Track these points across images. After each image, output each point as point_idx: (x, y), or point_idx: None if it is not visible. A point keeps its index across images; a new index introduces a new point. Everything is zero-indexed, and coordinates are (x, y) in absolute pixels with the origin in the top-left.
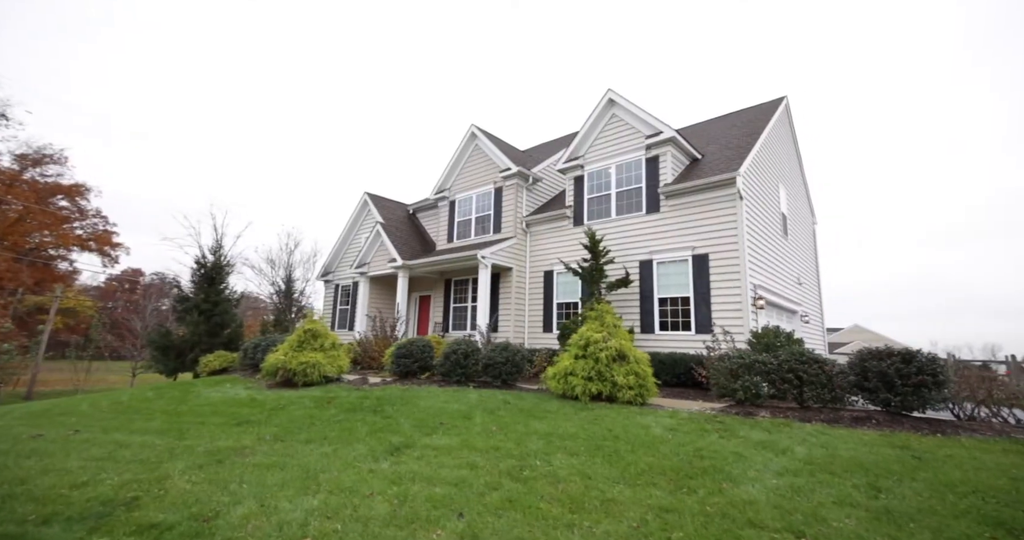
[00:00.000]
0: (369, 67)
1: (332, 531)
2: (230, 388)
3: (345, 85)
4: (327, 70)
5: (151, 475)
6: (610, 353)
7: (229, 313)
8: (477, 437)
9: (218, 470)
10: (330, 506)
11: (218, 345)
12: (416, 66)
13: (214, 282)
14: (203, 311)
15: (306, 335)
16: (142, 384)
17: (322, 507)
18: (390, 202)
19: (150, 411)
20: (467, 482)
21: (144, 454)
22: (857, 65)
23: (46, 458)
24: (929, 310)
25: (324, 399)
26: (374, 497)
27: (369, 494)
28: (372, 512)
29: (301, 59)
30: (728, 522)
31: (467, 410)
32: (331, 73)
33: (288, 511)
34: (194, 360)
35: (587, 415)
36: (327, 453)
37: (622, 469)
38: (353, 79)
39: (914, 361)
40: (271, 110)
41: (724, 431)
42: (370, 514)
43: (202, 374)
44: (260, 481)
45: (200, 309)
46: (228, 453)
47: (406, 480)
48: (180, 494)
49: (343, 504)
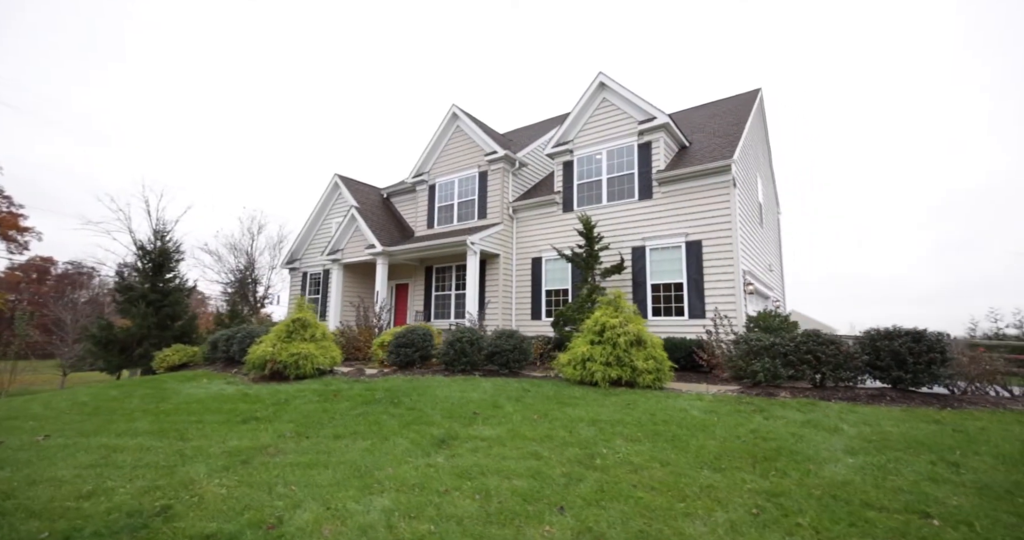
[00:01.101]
0: (335, 46)
1: (427, 533)
2: (209, 383)
3: (310, 63)
4: (289, 47)
5: (170, 480)
6: (629, 338)
7: (181, 304)
8: (522, 426)
9: (250, 471)
10: (407, 505)
11: (169, 338)
12: (386, 45)
13: (162, 269)
14: (151, 302)
15: (295, 325)
16: (78, 384)
17: (398, 506)
18: (363, 185)
19: (127, 411)
20: (543, 473)
21: (149, 458)
22: (830, 60)
23: (24, 467)
24: (847, 297)
25: (326, 392)
26: (450, 493)
27: (443, 490)
28: (458, 510)
29: (257, 31)
30: (843, 504)
31: (490, 399)
32: (294, 51)
33: (361, 513)
34: (142, 355)
35: (616, 400)
36: (368, 449)
37: (694, 454)
38: (319, 57)
39: (923, 340)
40: (224, 84)
41: (760, 412)
42: (457, 512)
43: (159, 370)
44: (308, 481)
45: (148, 299)
46: (251, 453)
47: (475, 474)
48: (219, 499)
49: (421, 502)
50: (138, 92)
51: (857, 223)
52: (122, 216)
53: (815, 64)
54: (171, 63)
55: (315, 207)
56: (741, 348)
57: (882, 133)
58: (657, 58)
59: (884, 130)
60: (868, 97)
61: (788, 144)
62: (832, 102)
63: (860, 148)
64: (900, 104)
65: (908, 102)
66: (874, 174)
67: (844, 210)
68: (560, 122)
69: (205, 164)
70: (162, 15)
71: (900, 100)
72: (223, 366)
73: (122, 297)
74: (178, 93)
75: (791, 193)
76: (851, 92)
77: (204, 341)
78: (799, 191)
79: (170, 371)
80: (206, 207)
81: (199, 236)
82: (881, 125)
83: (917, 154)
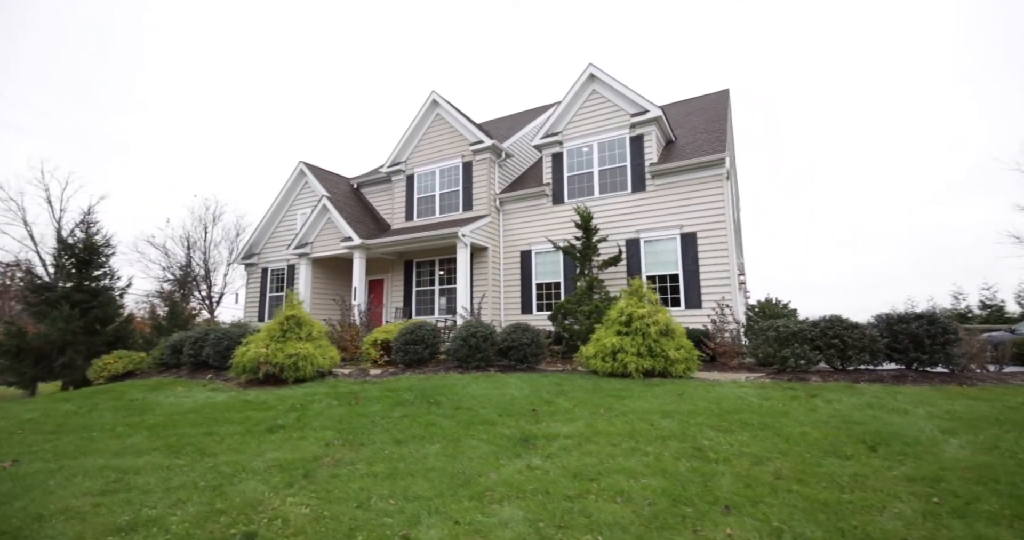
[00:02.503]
0: (291, 29)
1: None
2: (188, 392)
3: (262, 44)
4: (240, 21)
5: (229, 502)
6: (659, 328)
7: (112, 305)
8: (596, 421)
9: (323, 486)
10: (545, 514)
11: (100, 344)
12: (352, 31)
13: (89, 266)
14: (76, 303)
15: (289, 322)
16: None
17: (537, 516)
18: (331, 175)
19: (105, 427)
20: (667, 471)
21: (179, 478)
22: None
23: (13, 500)
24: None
25: (342, 395)
26: (585, 497)
27: (573, 495)
28: (611, 516)
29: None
30: (1009, 487)
31: (532, 395)
32: (245, 26)
33: (497, 525)
34: (66, 365)
35: (663, 391)
36: (444, 453)
37: (801, 442)
38: (270, 39)
39: (937, 322)
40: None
41: (814, 396)
42: (611, 518)
43: (97, 380)
44: (405, 493)
45: (72, 300)
46: (305, 465)
47: (593, 475)
48: (310, 520)
49: (560, 510)
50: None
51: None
52: (14, 206)
53: (782, 64)
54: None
55: (277, 197)
56: (773, 334)
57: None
58: (622, 53)
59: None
60: (845, 98)
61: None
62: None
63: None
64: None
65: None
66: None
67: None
68: (538, 114)
69: (138, 148)
70: None
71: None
72: (189, 372)
73: (36, 299)
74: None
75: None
76: (831, 93)
77: (143, 346)
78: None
79: (112, 381)
80: (104, 196)
81: (145, 228)
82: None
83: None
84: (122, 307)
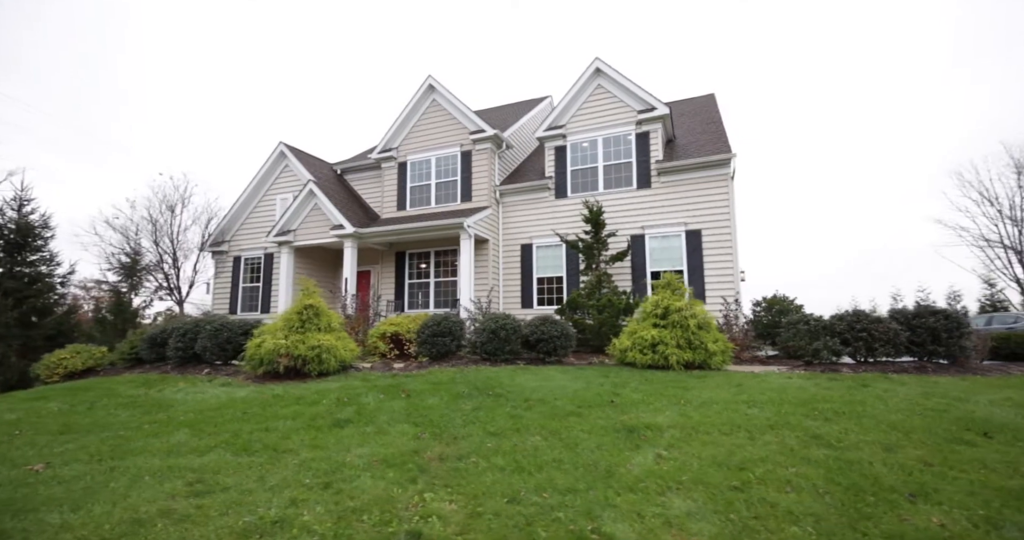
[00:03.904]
0: (274, 13)
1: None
2: (191, 388)
3: (247, 27)
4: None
5: (358, 501)
6: (697, 321)
7: (51, 294)
8: (691, 412)
9: (455, 481)
10: (723, 505)
11: (39, 339)
12: (333, 13)
13: (23, 250)
14: (9, 291)
15: (308, 312)
16: None
17: (717, 507)
18: (313, 158)
19: (131, 427)
20: (809, 459)
21: (273, 477)
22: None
23: (85, 504)
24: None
25: (386, 389)
26: (752, 488)
27: (737, 485)
28: (795, 505)
29: None
30: None
31: (587, 386)
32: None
33: (686, 518)
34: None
35: (718, 382)
36: (554, 445)
37: (912, 431)
38: (258, 22)
39: (952, 318)
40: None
41: (865, 386)
42: (801, 508)
43: (49, 379)
44: (553, 486)
45: (3, 288)
46: (409, 459)
47: (736, 465)
48: (469, 516)
49: (737, 501)
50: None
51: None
52: None
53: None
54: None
55: (252, 180)
56: (802, 328)
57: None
58: (606, 51)
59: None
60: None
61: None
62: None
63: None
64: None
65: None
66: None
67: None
68: (529, 107)
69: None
70: None
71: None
72: (177, 367)
73: None
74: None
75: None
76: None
77: (86, 341)
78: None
79: (69, 379)
80: (11, 173)
81: (105, 209)
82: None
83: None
84: (63, 296)
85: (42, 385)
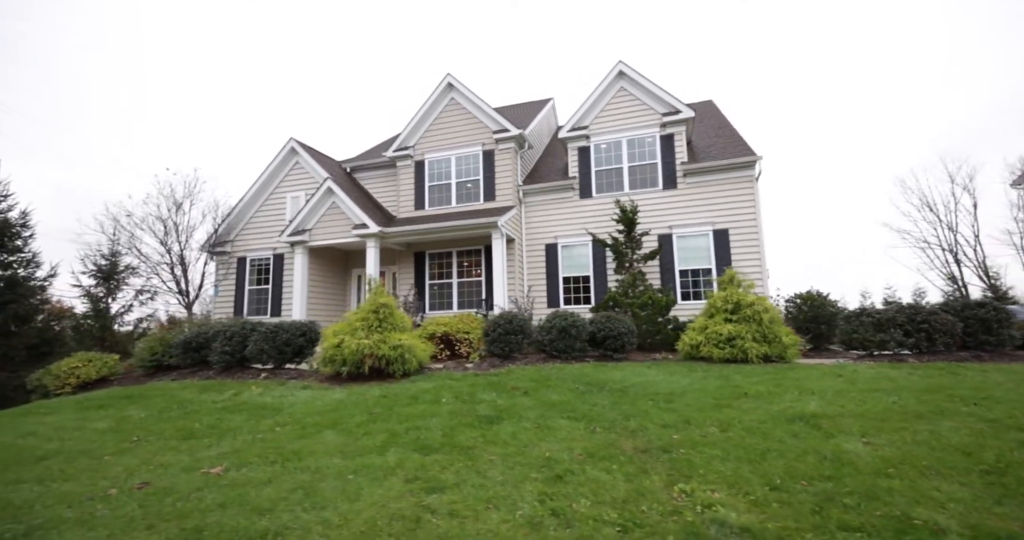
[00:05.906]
0: (281, 12)
1: None
2: (268, 391)
3: (256, 26)
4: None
5: (617, 494)
6: (770, 315)
7: (31, 299)
8: (846, 402)
9: (700, 470)
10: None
11: (19, 349)
12: (340, 13)
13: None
14: None
15: (384, 311)
16: None
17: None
18: (324, 156)
19: (262, 430)
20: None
21: (499, 474)
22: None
23: (320, 509)
24: None
25: (489, 386)
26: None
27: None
28: None
29: None
30: None
31: (689, 382)
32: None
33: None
34: None
35: (820, 373)
36: (750, 434)
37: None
38: (266, 22)
39: (1000, 310)
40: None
41: (955, 375)
42: None
43: (59, 391)
44: (819, 473)
45: None
46: (614, 451)
47: (975, 452)
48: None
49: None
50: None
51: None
52: None
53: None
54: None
55: (259, 177)
56: (866, 321)
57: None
58: (608, 52)
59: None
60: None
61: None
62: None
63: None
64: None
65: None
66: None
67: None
68: (539, 107)
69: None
70: None
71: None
72: (222, 372)
73: None
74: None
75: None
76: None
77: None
78: None
79: (80, 390)
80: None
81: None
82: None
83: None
84: (46, 302)
85: (43, 398)
